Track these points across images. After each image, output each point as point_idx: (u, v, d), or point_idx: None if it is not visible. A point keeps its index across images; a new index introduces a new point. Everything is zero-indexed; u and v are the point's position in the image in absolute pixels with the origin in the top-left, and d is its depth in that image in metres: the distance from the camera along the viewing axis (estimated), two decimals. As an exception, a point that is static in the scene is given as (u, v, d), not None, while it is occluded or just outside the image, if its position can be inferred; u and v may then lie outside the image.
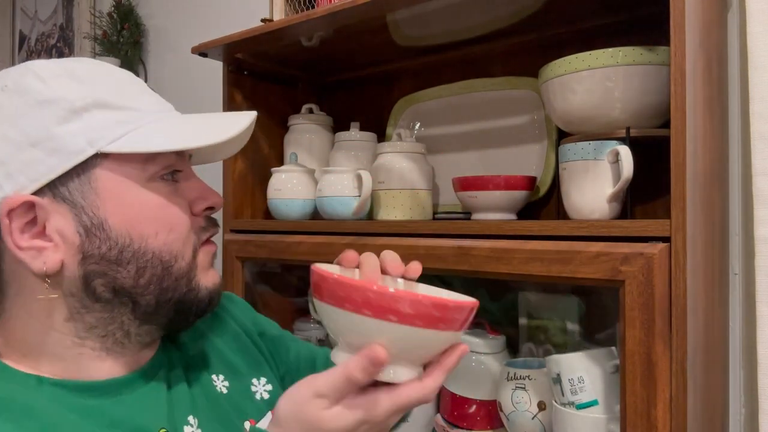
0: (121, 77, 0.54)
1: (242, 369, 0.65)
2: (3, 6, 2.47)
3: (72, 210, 0.50)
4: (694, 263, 0.64)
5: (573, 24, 0.93)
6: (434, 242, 0.79)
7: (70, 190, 0.49)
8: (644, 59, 0.73)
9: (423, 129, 1.15)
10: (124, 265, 0.51)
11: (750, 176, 0.77)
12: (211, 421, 0.57)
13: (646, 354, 0.61)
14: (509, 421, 0.82)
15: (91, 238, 0.50)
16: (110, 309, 0.52)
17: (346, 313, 0.44)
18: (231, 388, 0.62)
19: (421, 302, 0.43)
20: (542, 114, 0.99)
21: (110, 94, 0.51)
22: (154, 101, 0.55)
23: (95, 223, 0.50)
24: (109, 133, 0.50)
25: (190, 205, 0.56)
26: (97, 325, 0.52)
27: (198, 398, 0.59)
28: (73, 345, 0.52)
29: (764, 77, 0.76)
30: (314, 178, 1.09)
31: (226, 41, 1.01)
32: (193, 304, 0.56)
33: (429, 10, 0.86)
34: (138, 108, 0.52)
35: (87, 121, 0.49)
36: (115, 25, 1.83)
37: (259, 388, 0.65)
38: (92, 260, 0.50)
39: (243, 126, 0.54)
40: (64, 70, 0.51)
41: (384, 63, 1.17)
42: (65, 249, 0.50)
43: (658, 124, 0.77)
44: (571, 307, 0.91)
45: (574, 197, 0.77)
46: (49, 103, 0.49)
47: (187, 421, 0.55)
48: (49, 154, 0.48)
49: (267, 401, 0.65)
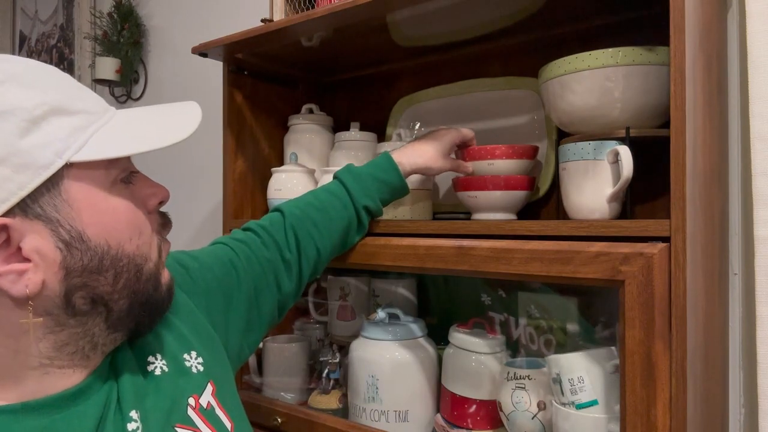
0: (58, 75, 0.52)
1: (173, 347, 0.63)
2: (3, 6, 2.47)
3: (47, 226, 0.47)
4: (693, 263, 0.64)
5: (573, 24, 0.93)
6: (434, 242, 0.79)
7: (41, 206, 0.47)
8: (644, 59, 0.73)
9: (423, 129, 1.15)
10: (103, 273, 0.50)
11: (750, 176, 0.77)
12: (154, 410, 0.56)
13: (646, 354, 0.61)
14: (509, 421, 0.82)
15: (73, 252, 0.48)
16: (84, 322, 0.51)
17: None
18: (169, 367, 0.61)
19: None
20: (542, 114, 0.99)
21: (61, 97, 0.49)
22: (95, 98, 0.53)
23: (74, 236, 0.48)
24: (73, 141, 0.48)
25: (143, 203, 0.55)
26: (69, 342, 0.51)
27: (141, 388, 0.57)
28: (40, 366, 0.50)
29: (764, 77, 0.76)
30: (314, 178, 1.09)
31: (226, 41, 1.01)
32: (159, 303, 0.56)
33: (429, 10, 0.86)
34: (89, 110, 0.51)
35: (48, 131, 0.47)
36: (116, 25, 1.84)
37: (192, 362, 0.63)
38: (75, 274, 0.49)
39: (198, 117, 0.54)
40: (5, 75, 0.47)
41: (384, 63, 1.17)
42: (46, 267, 0.48)
43: (658, 124, 0.77)
44: (571, 307, 0.91)
45: (573, 197, 0.77)
46: (6, 114, 0.46)
47: (130, 417, 0.54)
48: (17, 170, 0.45)
49: (203, 373, 0.63)
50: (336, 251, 0.86)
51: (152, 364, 0.60)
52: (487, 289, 1.01)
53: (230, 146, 1.11)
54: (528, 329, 0.94)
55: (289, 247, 0.80)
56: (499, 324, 0.98)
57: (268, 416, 0.99)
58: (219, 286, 0.73)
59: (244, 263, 0.77)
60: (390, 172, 0.86)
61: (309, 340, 1.15)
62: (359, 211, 0.85)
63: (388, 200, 0.88)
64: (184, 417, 0.58)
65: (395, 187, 0.87)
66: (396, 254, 0.83)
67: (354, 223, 0.85)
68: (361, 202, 0.84)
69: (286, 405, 1.01)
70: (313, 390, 1.08)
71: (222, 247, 0.78)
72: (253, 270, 0.77)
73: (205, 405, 0.61)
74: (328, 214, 0.83)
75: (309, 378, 1.12)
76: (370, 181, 0.86)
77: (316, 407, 1.02)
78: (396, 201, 0.91)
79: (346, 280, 1.11)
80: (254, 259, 0.78)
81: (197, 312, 0.69)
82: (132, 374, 0.57)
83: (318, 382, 1.08)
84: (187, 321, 0.67)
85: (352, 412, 0.95)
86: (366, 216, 0.86)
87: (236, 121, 1.12)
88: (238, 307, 0.75)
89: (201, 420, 0.59)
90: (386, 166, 0.86)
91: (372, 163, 0.88)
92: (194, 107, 0.56)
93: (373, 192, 0.85)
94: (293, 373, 1.10)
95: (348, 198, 0.85)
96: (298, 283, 0.82)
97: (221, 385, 0.64)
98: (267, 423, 0.99)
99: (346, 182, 0.85)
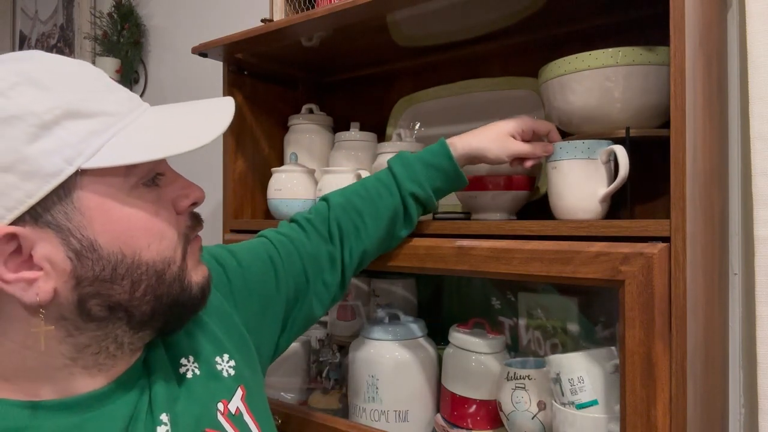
0: (84, 73, 0.50)
1: (206, 350, 0.63)
2: (3, 6, 2.47)
3: (58, 235, 0.46)
4: (693, 263, 0.64)
5: (573, 24, 0.93)
6: (434, 242, 0.79)
7: (52, 214, 0.46)
8: (644, 59, 0.73)
9: (423, 129, 1.15)
10: (118, 281, 0.49)
11: (750, 176, 0.77)
12: (184, 414, 0.56)
13: (646, 354, 0.61)
14: (509, 421, 0.82)
15: (83, 261, 0.47)
16: (105, 326, 0.51)
17: None
18: (201, 370, 0.61)
19: None
20: (542, 114, 0.99)
21: (78, 99, 0.47)
22: (123, 98, 0.51)
23: (85, 245, 0.47)
24: (86, 147, 0.46)
25: (173, 204, 0.54)
26: (90, 344, 0.51)
27: (173, 392, 0.57)
28: (64, 366, 0.50)
29: (764, 77, 0.76)
30: (314, 178, 1.09)
31: (226, 41, 1.01)
32: (188, 302, 0.55)
33: (429, 10, 0.86)
34: (109, 111, 0.48)
35: (60, 136, 0.45)
36: (116, 26, 1.83)
37: (224, 365, 0.63)
38: (86, 283, 0.48)
39: (227, 120, 0.51)
40: (20, 75, 0.46)
41: (384, 63, 1.17)
42: (56, 276, 0.47)
43: (658, 124, 0.77)
44: (571, 307, 0.91)
45: (564, 196, 0.76)
46: (14, 119, 0.44)
47: (160, 420, 0.54)
48: (24, 178, 0.44)
49: (234, 377, 0.63)
50: (384, 244, 0.81)
51: (184, 367, 0.60)
52: (496, 292, 1.01)
53: (230, 146, 1.11)
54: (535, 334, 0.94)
55: (332, 238, 0.77)
56: (508, 328, 0.98)
57: (268, 416, 0.99)
58: (256, 286, 0.71)
59: (285, 260, 0.74)
60: (440, 156, 0.78)
61: (309, 340, 1.15)
62: (405, 199, 0.78)
63: (443, 189, 0.81)
64: (214, 422, 0.58)
65: (447, 172, 0.79)
66: (396, 254, 0.83)
67: (400, 212, 0.79)
68: (408, 188, 0.78)
69: (286, 405, 1.01)
70: (313, 390, 1.08)
71: (264, 243, 0.75)
72: (294, 267, 0.75)
73: (233, 410, 0.61)
74: (374, 203, 0.78)
75: (309, 378, 1.12)
76: (419, 165, 0.79)
77: (316, 407, 1.02)
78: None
79: (346, 280, 1.11)
80: (296, 255, 0.75)
81: (232, 313, 0.68)
82: (165, 376, 0.57)
83: (318, 382, 1.08)
84: (221, 323, 0.66)
85: (352, 412, 0.95)
86: (414, 205, 0.79)
87: (236, 121, 1.12)
88: (275, 309, 0.73)
89: (229, 425, 0.59)
90: (437, 150, 0.79)
91: (425, 149, 0.81)
92: (227, 105, 0.53)
93: (422, 178, 0.78)
94: (293, 373, 1.10)
95: (394, 184, 0.79)
96: (342, 277, 0.78)
97: (251, 389, 0.64)
98: (267, 423, 0.99)
99: (394, 168, 0.80)
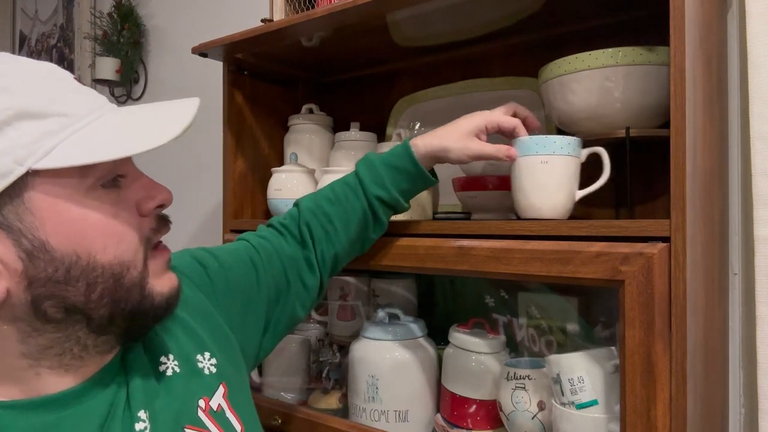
0: (46, 74, 0.49)
1: (186, 348, 0.63)
2: (3, 6, 2.47)
3: (9, 235, 0.46)
4: (693, 263, 0.64)
5: (573, 24, 0.93)
6: (434, 242, 0.79)
7: (3, 214, 0.46)
8: (644, 59, 0.73)
9: (423, 129, 1.15)
10: (73, 283, 0.48)
11: (750, 176, 0.77)
12: (163, 411, 0.56)
13: (646, 354, 0.61)
14: (509, 421, 0.82)
15: (35, 262, 0.47)
16: (63, 328, 0.50)
17: None
18: (182, 368, 0.60)
19: None
20: (542, 114, 0.99)
21: (34, 100, 0.46)
22: (84, 100, 0.50)
23: (36, 246, 0.47)
24: (37, 147, 0.45)
25: (137, 207, 0.53)
26: (52, 345, 0.50)
27: (152, 389, 0.57)
28: (29, 367, 0.50)
29: (764, 77, 0.76)
30: (314, 178, 1.09)
31: (226, 41, 1.01)
32: (150, 311, 0.53)
33: (429, 10, 0.86)
34: (67, 112, 0.48)
35: (10, 137, 0.45)
36: (116, 25, 1.84)
37: (205, 363, 0.62)
38: (39, 284, 0.47)
39: (187, 121, 0.50)
40: None
41: (384, 63, 1.17)
42: (8, 276, 0.47)
43: (658, 124, 0.77)
44: (571, 307, 0.91)
45: (529, 194, 0.74)
46: None
47: (138, 417, 0.54)
48: None
49: (215, 375, 0.62)
50: (356, 247, 0.81)
51: (164, 365, 0.59)
52: (490, 290, 1.01)
53: (230, 146, 1.11)
54: (530, 331, 0.94)
55: (304, 242, 0.78)
56: (502, 326, 0.98)
57: (268, 416, 0.99)
58: (238, 286, 0.72)
59: (265, 262, 0.75)
60: (403, 157, 0.78)
61: (309, 340, 1.15)
62: (371, 202, 0.78)
63: (410, 190, 0.80)
64: (194, 418, 0.58)
65: (410, 173, 0.79)
66: (396, 254, 0.83)
67: (369, 215, 0.79)
68: (373, 192, 0.78)
69: (286, 405, 1.01)
70: (313, 390, 1.08)
71: (244, 245, 0.76)
72: (274, 269, 0.75)
73: (215, 407, 0.60)
74: (343, 207, 0.79)
75: (309, 378, 1.12)
76: (382, 168, 0.79)
77: (316, 407, 1.02)
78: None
79: (346, 280, 1.11)
80: (276, 257, 0.76)
81: (214, 312, 0.68)
82: (143, 374, 0.57)
83: (318, 382, 1.08)
84: (203, 322, 0.66)
85: (352, 412, 0.95)
86: (381, 208, 0.79)
87: (236, 121, 1.12)
88: (257, 307, 0.73)
89: (211, 422, 0.59)
90: (400, 152, 0.79)
91: (389, 150, 0.81)
92: (191, 105, 0.52)
93: (386, 180, 0.78)
94: (293, 373, 1.10)
95: (360, 188, 0.79)
96: (320, 280, 0.79)
97: (233, 387, 0.64)
98: (267, 423, 0.99)
99: (360, 171, 0.80)
